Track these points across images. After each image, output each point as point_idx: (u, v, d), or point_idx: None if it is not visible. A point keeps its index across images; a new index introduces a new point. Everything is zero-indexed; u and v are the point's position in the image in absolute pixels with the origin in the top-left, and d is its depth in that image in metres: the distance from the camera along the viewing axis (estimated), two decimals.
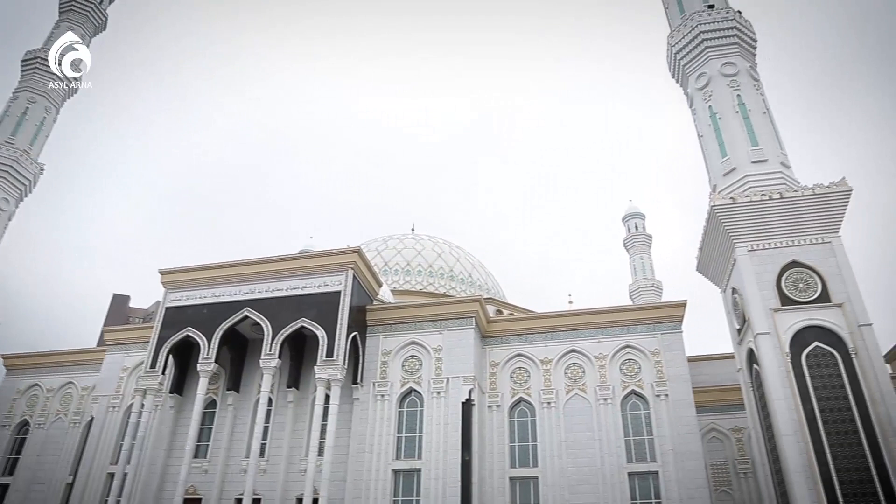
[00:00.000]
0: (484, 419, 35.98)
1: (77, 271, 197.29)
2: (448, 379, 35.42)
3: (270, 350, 35.17)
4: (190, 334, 37.29)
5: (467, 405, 34.46)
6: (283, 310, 36.19)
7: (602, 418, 34.81)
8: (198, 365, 36.30)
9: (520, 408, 36.77)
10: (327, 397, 33.85)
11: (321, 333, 34.71)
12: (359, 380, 36.42)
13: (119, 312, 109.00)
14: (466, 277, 58.79)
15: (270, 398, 36.31)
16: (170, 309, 38.80)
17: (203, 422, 37.04)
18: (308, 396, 37.24)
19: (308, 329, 35.42)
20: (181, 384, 39.55)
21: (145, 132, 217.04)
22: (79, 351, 48.01)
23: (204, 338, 36.69)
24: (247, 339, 39.66)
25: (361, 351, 37.11)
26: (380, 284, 41.37)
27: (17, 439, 45.10)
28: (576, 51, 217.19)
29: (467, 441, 33.55)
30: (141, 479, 36.61)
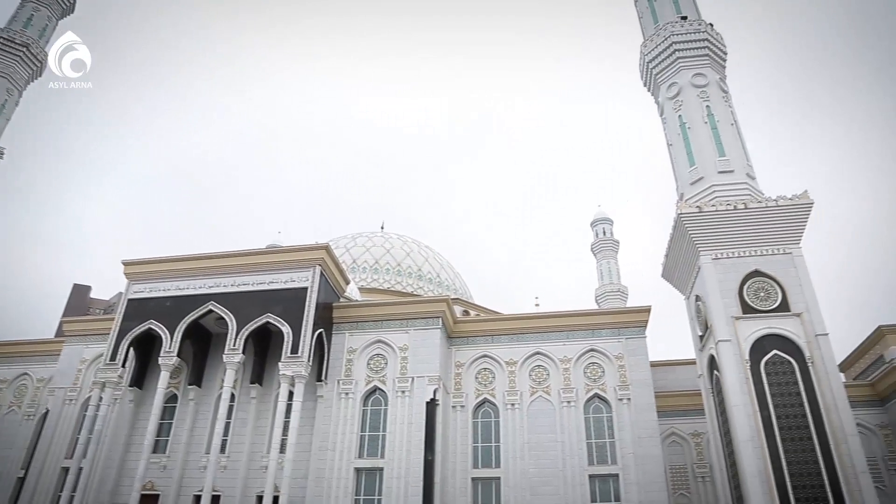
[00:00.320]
0: (448, 419, 36.05)
1: (37, 260, 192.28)
2: (413, 378, 35.40)
3: (234, 345, 34.70)
4: (152, 327, 36.62)
5: (432, 405, 34.50)
6: (249, 305, 35.77)
7: (565, 421, 35.12)
8: (159, 358, 35.69)
9: (484, 408, 36.91)
10: (291, 394, 33.56)
11: (286, 329, 34.41)
12: (323, 377, 36.20)
13: (80, 303, 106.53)
14: (434, 277, 58.75)
15: (233, 394, 35.91)
16: (132, 301, 38.05)
17: (163, 416, 36.37)
18: (271, 393, 36.84)
19: (273, 325, 35.09)
20: (142, 378, 38.77)
21: (144, 131, 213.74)
22: (36, 341, 46.81)
23: (166, 331, 36.05)
24: (210, 334, 39.09)
25: (327, 348, 36.87)
26: (347, 282, 41.14)
27: None
28: (576, 51, 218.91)
29: (431, 441, 33.58)
30: (97, 474, 35.90)
